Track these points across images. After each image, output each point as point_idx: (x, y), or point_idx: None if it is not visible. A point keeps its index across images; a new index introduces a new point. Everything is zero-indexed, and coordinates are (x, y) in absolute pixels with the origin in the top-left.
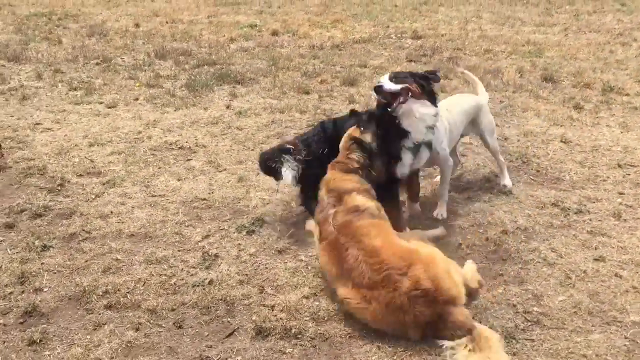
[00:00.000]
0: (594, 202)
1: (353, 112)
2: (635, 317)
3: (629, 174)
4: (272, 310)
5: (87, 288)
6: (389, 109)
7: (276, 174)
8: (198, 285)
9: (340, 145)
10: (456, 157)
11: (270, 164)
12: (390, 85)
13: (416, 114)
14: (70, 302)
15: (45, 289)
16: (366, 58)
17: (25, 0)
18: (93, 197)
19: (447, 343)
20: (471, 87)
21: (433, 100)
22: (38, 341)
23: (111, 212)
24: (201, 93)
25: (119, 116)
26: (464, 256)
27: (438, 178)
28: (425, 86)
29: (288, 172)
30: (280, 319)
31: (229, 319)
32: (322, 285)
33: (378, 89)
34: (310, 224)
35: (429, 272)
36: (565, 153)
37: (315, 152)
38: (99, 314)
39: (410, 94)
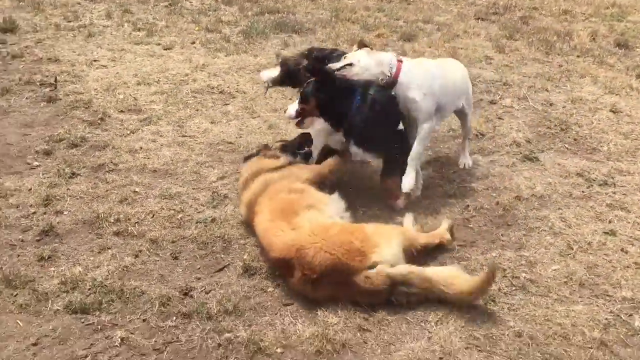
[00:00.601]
0: (624, 176)
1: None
2: (626, 293)
3: None
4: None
5: (101, 215)
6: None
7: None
8: (201, 222)
9: None
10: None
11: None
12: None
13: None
14: (84, 226)
15: (65, 212)
16: (432, 14)
17: None
18: (128, 132)
19: None
20: None
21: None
22: (47, 258)
23: (141, 147)
24: (255, 40)
25: (171, 58)
26: (468, 218)
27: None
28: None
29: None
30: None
31: (222, 256)
32: None
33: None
34: None
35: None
36: (611, 123)
37: None
38: (107, 239)
39: None
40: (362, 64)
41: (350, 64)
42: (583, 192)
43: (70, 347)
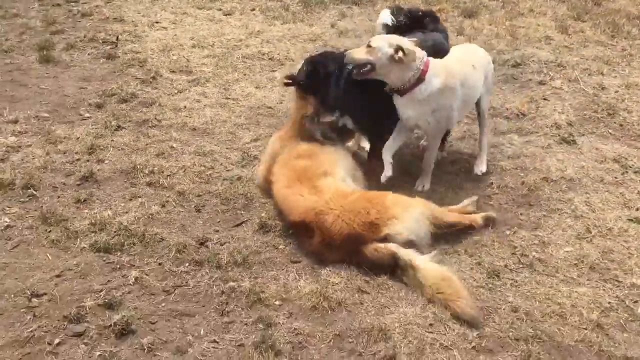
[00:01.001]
0: None
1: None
2: (637, 280)
3: None
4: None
5: (137, 166)
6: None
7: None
8: (227, 180)
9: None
10: None
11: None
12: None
13: None
14: (122, 175)
15: (106, 161)
16: None
17: None
18: (176, 92)
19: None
20: None
21: None
22: (83, 200)
23: (185, 106)
24: (313, 10)
25: (229, 23)
26: (490, 195)
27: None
28: None
29: None
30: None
31: (242, 212)
32: None
33: None
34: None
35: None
36: None
37: None
38: (139, 188)
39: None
40: (383, 65)
41: (372, 65)
42: (616, 177)
43: (89, 281)
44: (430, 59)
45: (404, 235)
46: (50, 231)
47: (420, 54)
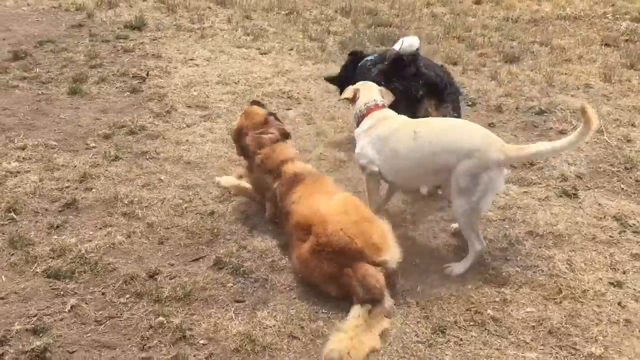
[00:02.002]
0: None
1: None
2: (597, 350)
3: None
4: (242, 249)
5: (119, 196)
6: None
7: None
8: (200, 214)
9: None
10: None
11: None
12: None
13: None
14: (102, 204)
15: (93, 190)
16: (553, 37)
17: None
18: (184, 126)
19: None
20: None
21: None
22: (56, 227)
23: (187, 140)
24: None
25: (261, 62)
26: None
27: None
28: None
29: None
30: (241, 257)
31: (204, 247)
32: None
33: None
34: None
35: (328, 229)
36: None
37: None
38: (114, 218)
39: None
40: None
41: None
42: (611, 236)
43: (29, 306)
44: (384, 109)
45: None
46: (13, 254)
47: (367, 100)
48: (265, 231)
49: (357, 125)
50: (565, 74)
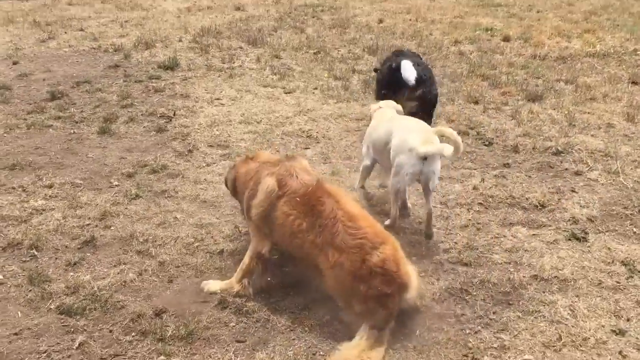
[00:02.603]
0: None
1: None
2: None
3: None
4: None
5: (135, 234)
6: None
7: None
8: (210, 253)
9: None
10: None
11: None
12: None
13: None
14: (119, 242)
15: (112, 227)
16: (580, 74)
17: None
18: (204, 165)
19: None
20: None
21: None
22: (73, 264)
23: (205, 179)
24: (372, 89)
25: (284, 101)
26: (468, 289)
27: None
28: None
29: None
30: (244, 296)
31: None
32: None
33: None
34: None
35: (397, 254)
36: None
37: None
38: (128, 256)
39: None
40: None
41: None
42: (618, 282)
43: (40, 342)
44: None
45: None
46: (30, 290)
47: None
48: (269, 271)
49: None
50: (588, 112)
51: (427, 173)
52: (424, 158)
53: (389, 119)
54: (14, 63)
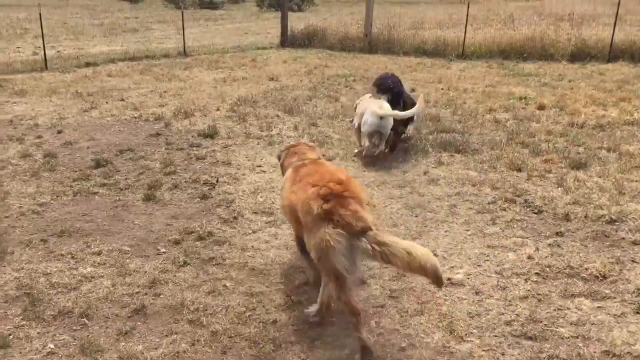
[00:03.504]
0: None
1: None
2: None
3: None
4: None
5: (186, 302)
6: None
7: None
8: (263, 322)
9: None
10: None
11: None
12: None
13: None
14: (169, 310)
15: (161, 296)
16: (622, 142)
17: (341, 63)
18: (250, 232)
19: None
20: None
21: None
22: (124, 333)
23: (252, 246)
24: (412, 158)
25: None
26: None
27: None
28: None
29: None
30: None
31: (265, 358)
32: None
33: None
34: None
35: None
36: None
37: None
38: (180, 325)
39: None
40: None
41: None
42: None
43: None
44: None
45: None
46: None
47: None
48: (327, 342)
49: None
50: (636, 180)
51: (381, 127)
52: (381, 118)
53: (365, 101)
54: (59, 132)
